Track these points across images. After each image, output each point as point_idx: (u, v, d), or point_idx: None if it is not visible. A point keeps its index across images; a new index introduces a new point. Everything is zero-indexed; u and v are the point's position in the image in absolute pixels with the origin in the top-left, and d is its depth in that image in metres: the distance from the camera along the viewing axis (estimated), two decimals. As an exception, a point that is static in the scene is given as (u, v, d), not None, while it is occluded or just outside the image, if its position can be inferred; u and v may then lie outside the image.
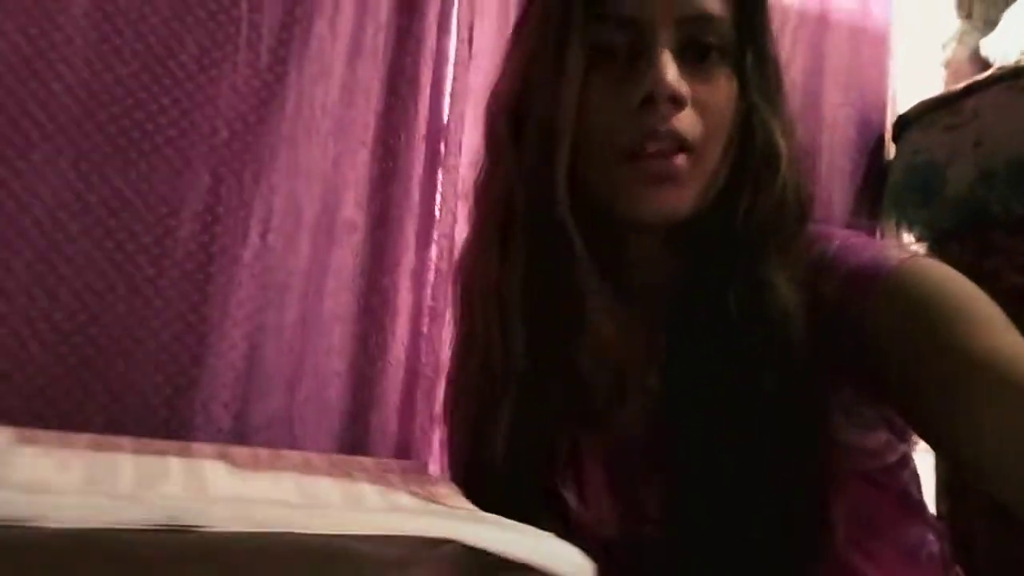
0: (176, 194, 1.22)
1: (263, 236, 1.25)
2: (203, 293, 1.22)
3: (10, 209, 1.13)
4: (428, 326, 1.31)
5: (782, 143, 0.61)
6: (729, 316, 0.58)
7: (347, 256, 1.29)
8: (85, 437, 0.51)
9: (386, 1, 1.34)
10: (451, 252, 1.31)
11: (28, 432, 0.50)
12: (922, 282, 0.57)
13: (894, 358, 0.56)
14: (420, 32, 1.34)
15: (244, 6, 1.27)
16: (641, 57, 0.58)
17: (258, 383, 1.23)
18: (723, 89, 0.60)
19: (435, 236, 1.33)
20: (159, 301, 1.20)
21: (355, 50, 1.31)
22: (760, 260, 0.59)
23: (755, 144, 0.61)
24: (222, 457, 0.50)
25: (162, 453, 0.49)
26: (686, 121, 0.58)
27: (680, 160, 0.58)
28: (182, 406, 1.19)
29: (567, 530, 0.58)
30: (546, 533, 0.43)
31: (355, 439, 1.27)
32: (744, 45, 0.61)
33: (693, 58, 0.60)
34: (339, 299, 1.28)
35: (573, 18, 0.59)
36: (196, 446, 0.52)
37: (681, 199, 0.59)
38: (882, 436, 0.64)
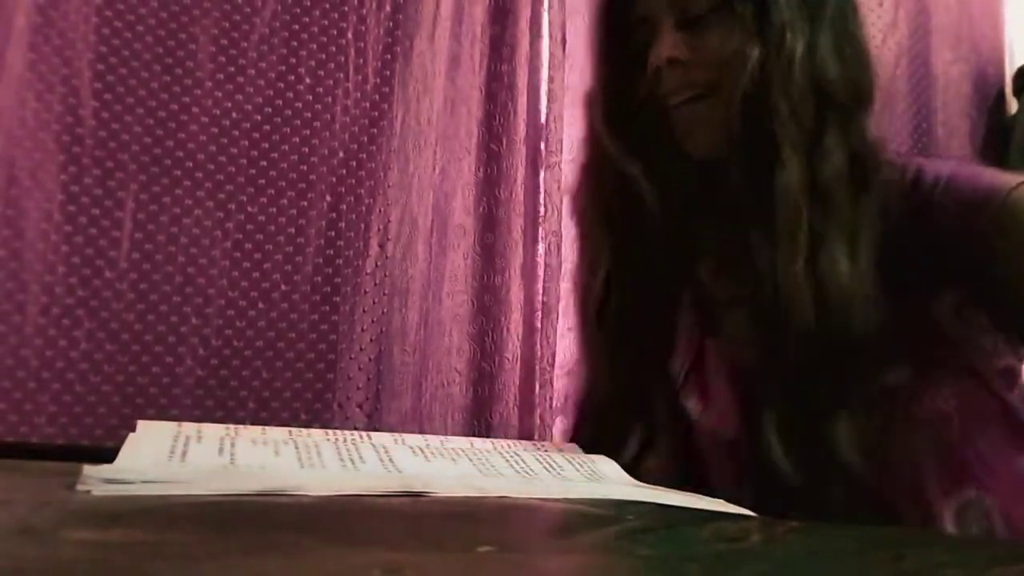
0: (302, 214, 1.32)
1: (382, 246, 1.34)
2: (331, 303, 1.31)
3: (160, 240, 1.26)
4: (541, 321, 1.36)
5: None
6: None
7: (460, 259, 1.35)
8: (283, 429, 0.58)
9: (480, 13, 1.40)
10: (559, 248, 1.35)
11: (231, 427, 0.57)
12: None
13: (1000, 279, 0.63)
14: (513, 39, 1.40)
15: (350, 34, 1.36)
16: None
17: (388, 383, 1.31)
18: (718, 40, 0.68)
19: (542, 233, 1.37)
20: (294, 314, 1.30)
21: (453, 62, 1.38)
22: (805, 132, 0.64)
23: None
24: (399, 442, 0.58)
25: (350, 439, 0.57)
26: (688, 75, 0.69)
27: (698, 105, 0.69)
28: (321, 409, 1.29)
29: (689, 436, 0.74)
30: (705, 497, 0.50)
31: (480, 433, 1.33)
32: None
33: (693, 25, 0.69)
34: (456, 300, 1.35)
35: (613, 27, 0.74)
36: (375, 434, 0.59)
37: (707, 135, 0.69)
38: (989, 339, 0.69)
